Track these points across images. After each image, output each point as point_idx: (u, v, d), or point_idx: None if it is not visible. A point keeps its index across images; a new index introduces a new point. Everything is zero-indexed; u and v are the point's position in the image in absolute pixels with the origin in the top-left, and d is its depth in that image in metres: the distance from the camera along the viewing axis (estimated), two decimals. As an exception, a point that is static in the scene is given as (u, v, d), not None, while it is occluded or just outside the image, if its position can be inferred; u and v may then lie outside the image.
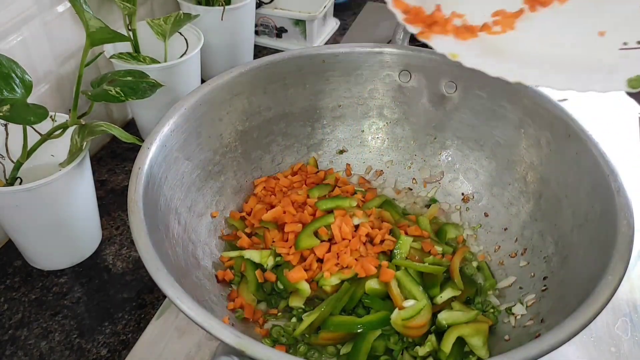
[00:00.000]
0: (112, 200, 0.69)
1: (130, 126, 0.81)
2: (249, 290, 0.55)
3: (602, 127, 0.43)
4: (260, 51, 0.99)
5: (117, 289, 0.59)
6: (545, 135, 0.57)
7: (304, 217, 0.58)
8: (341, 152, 0.69)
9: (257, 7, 0.93)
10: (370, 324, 0.50)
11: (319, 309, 0.51)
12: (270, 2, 0.95)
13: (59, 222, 0.56)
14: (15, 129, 0.52)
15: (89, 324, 0.56)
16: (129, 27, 0.69)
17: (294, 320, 0.53)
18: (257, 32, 0.99)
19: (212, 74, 0.66)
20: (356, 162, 0.69)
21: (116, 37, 0.51)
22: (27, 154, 0.52)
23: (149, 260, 0.41)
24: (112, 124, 0.53)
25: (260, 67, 0.61)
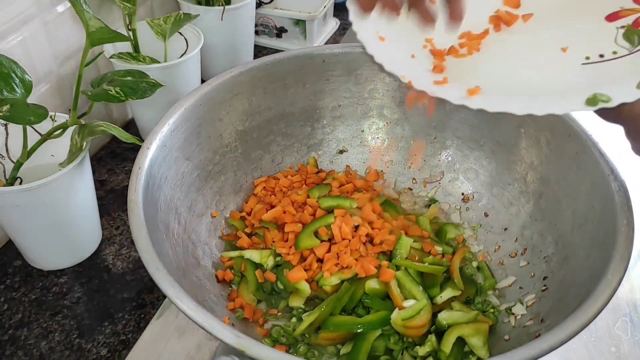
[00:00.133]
0: (112, 200, 0.69)
1: (130, 126, 0.81)
2: (249, 290, 0.55)
3: (602, 127, 0.43)
4: (260, 51, 0.99)
5: (117, 289, 0.59)
6: (545, 135, 0.57)
7: (304, 217, 0.58)
8: (341, 152, 0.69)
9: (257, 7, 0.93)
10: (370, 324, 0.50)
11: (319, 309, 0.51)
12: (270, 2, 0.95)
13: (59, 222, 0.56)
14: (15, 129, 0.52)
15: (89, 324, 0.56)
16: (129, 27, 0.69)
17: (294, 320, 0.53)
18: (257, 32, 0.99)
19: (212, 74, 0.66)
20: (356, 162, 0.69)
21: (116, 37, 0.51)
22: (27, 154, 0.52)
23: (149, 260, 0.41)
24: (112, 124, 0.53)
25: (260, 67, 0.60)
